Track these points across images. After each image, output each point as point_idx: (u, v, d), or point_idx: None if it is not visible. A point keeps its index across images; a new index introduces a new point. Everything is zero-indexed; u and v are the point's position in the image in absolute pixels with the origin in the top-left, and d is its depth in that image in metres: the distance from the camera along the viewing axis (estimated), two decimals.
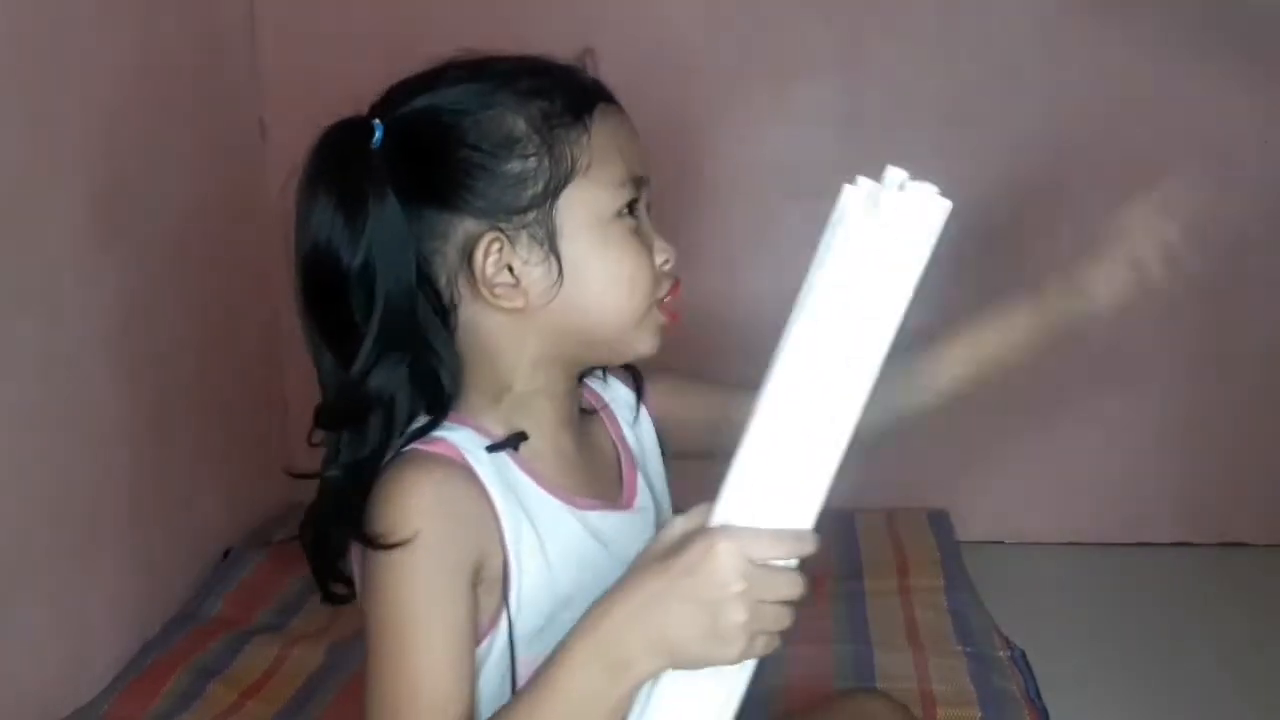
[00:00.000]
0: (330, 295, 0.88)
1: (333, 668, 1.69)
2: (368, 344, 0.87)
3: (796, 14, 2.16)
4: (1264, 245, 2.15)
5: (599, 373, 1.05)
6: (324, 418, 0.90)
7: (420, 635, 0.84)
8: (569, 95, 0.90)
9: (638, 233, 0.92)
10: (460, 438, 0.89)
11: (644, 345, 0.94)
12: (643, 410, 1.06)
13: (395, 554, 0.84)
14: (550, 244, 0.89)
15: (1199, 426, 2.23)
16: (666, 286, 0.94)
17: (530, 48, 0.95)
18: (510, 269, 0.89)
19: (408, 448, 0.88)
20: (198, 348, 1.93)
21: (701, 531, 0.78)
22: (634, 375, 1.07)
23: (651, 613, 0.77)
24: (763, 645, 0.78)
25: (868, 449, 0.91)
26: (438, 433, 0.89)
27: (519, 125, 0.89)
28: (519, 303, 0.90)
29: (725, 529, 0.77)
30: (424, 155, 0.89)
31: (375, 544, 0.84)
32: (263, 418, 2.11)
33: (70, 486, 1.59)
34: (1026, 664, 1.72)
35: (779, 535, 0.77)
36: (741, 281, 2.23)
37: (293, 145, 0.91)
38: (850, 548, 2.07)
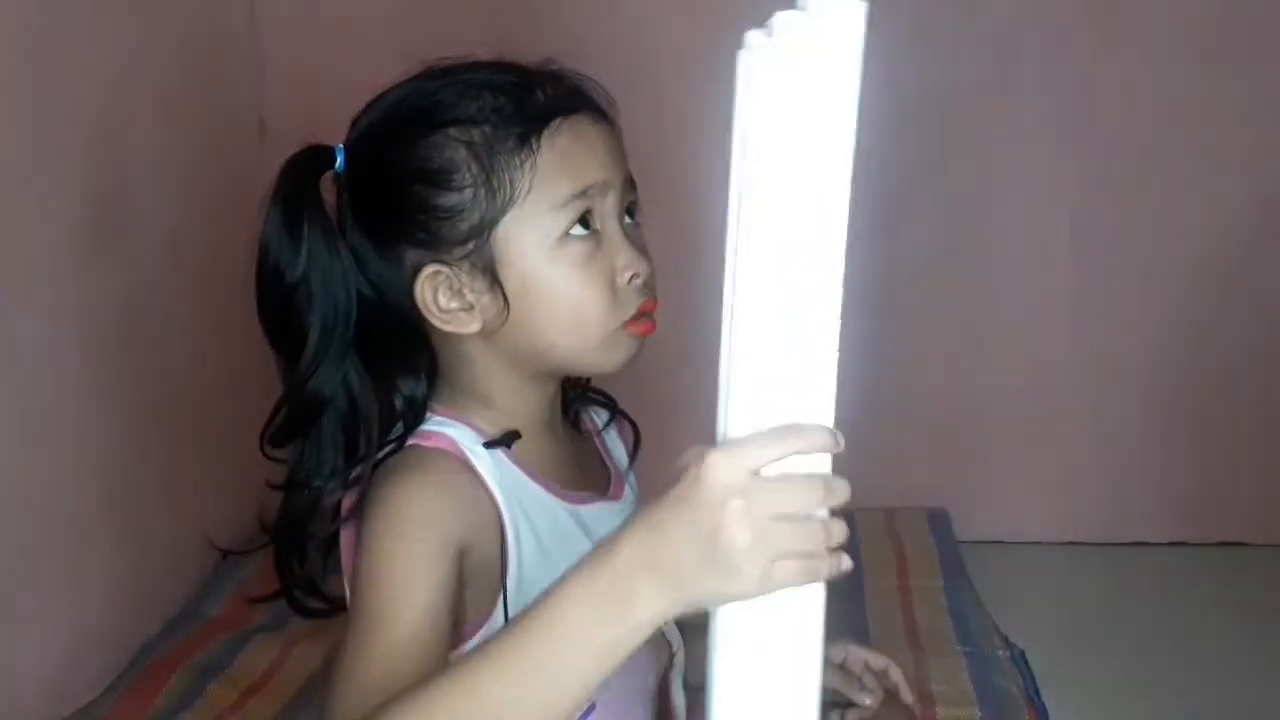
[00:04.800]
0: (275, 304, 0.90)
1: (334, 666, 1.69)
2: (307, 354, 0.89)
3: None
4: (1260, 245, 2.15)
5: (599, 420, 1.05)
6: (275, 426, 0.93)
7: (403, 599, 0.82)
8: (519, 116, 0.88)
9: (596, 252, 0.88)
10: (458, 434, 0.90)
11: (606, 364, 0.92)
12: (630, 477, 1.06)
13: (388, 524, 0.84)
14: (491, 273, 0.88)
15: (1197, 427, 2.23)
16: (633, 305, 0.90)
17: (528, 47, 0.94)
18: (464, 292, 0.89)
19: (408, 444, 0.89)
20: (197, 347, 1.93)
21: (697, 452, 0.69)
22: (634, 438, 1.06)
23: (651, 544, 0.68)
24: (787, 574, 0.68)
25: None
26: (435, 428, 0.90)
27: (459, 154, 0.87)
28: (474, 326, 0.90)
29: (721, 444, 0.69)
30: (370, 185, 0.90)
31: (370, 522, 0.85)
32: (263, 417, 2.11)
33: (70, 486, 1.59)
34: (1026, 663, 1.72)
35: (779, 433, 0.67)
36: None
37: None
38: (849, 547, 2.06)
